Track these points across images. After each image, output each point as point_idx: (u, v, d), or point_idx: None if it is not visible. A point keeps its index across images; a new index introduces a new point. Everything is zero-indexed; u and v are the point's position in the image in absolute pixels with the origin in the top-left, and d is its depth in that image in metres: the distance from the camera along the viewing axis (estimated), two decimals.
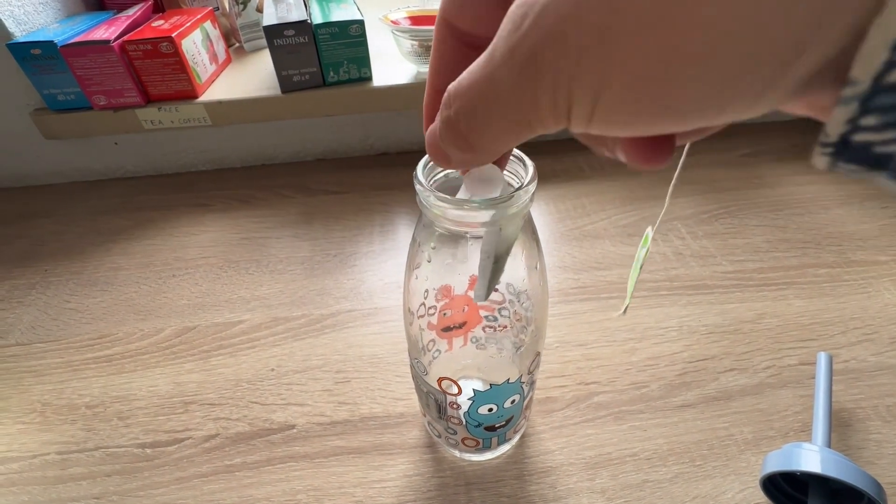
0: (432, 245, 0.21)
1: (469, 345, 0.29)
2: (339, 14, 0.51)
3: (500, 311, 0.26)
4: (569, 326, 0.41)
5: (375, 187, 0.60)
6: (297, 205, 0.58)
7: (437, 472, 0.32)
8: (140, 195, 0.61)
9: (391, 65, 0.57)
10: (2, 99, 0.54)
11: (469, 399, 0.26)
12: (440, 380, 0.26)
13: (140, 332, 0.43)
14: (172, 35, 0.48)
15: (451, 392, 0.26)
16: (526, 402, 0.29)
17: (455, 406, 0.27)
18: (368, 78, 0.55)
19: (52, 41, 0.47)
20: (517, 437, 0.33)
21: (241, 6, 0.60)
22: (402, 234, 0.52)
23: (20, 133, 0.57)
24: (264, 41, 0.51)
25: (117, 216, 0.57)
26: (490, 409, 0.27)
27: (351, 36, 0.50)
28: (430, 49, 0.15)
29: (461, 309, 0.26)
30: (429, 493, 0.31)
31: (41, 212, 0.58)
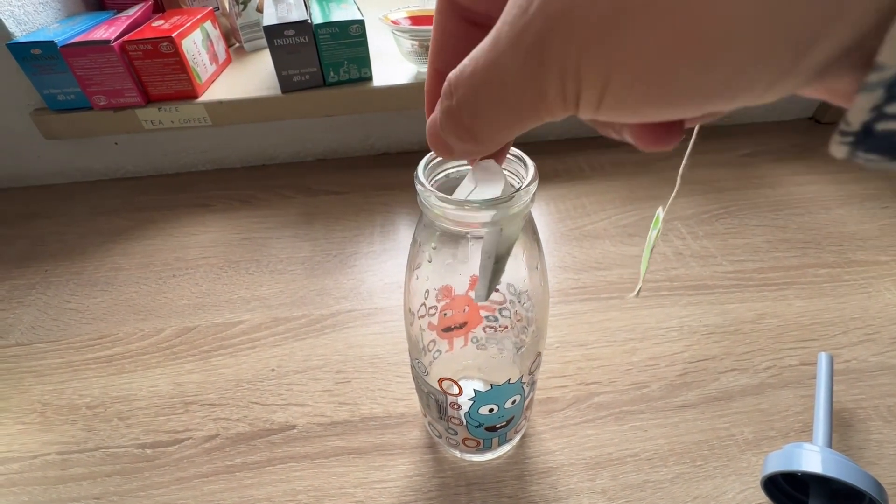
0: (433, 245, 0.21)
1: (470, 345, 0.29)
2: (339, 14, 0.51)
3: (500, 312, 0.26)
4: (569, 326, 0.41)
5: (376, 187, 0.60)
6: (298, 205, 0.58)
7: (438, 473, 0.32)
8: (140, 195, 0.61)
9: (391, 65, 0.57)
10: (2, 99, 0.54)
11: (470, 399, 0.26)
12: (441, 380, 0.26)
13: (140, 332, 0.43)
14: (172, 35, 0.48)
15: (451, 392, 0.26)
16: (527, 402, 0.29)
17: (456, 406, 0.27)
18: (369, 78, 0.55)
19: (52, 41, 0.47)
20: (518, 437, 0.33)
21: (241, 6, 0.60)
22: (403, 235, 0.52)
23: (20, 133, 0.57)
24: (264, 41, 0.51)
25: (117, 216, 0.57)
26: (491, 410, 0.27)
27: (351, 36, 0.50)
28: (434, 14, 0.15)
29: (462, 309, 0.26)
30: (429, 493, 0.31)
31: (41, 212, 0.58)
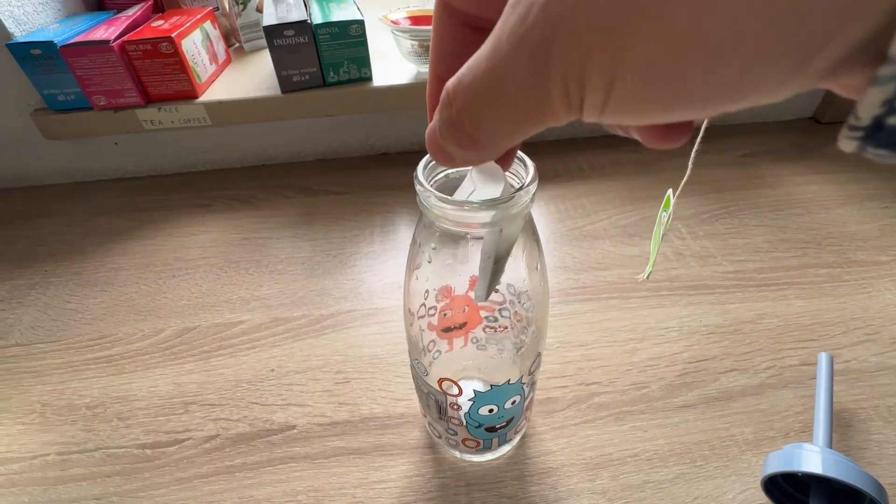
0: (433, 245, 0.21)
1: (469, 345, 0.29)
2: (339, 14, 0.51)
3: (500, 312, 0.26)
4: (569, 327, 0.41)
5: (376, 187, 0.60)
6: (298, 205, 0.58)
7: (438, 473, 0.32)
8: (140, 195, 0.61)
9: (391, 65, 0.57)
10: (2, 99, 0.54)
11: (469, 400, 0.26)
12: (440, 380, 0.26)
13: (140, 332, 0.43)
14: (172, 35, 0.48)
15: (451, 393, 0.26)
16: (526, 402, 0.29)
17: (455, 407, 0.27)
18: (368, 78, 0.55)
19: (51, 41, 0.47)
20: (518, 437, 0.33)
21: (241, 6, 0.60)
22: (403, 235, 0.52)
23: (20, 133, 0.57)
24: (264, 41, 0.51)
25: (117, 216, 0.57)
26: (491, 410, 0.27)
27: (351, 36, 0.50)
28: (433, 20, 0.15)
29: (461, 309, 0.26)
30: (429, 493, 0.31)
31: (41, 212, 0.58)
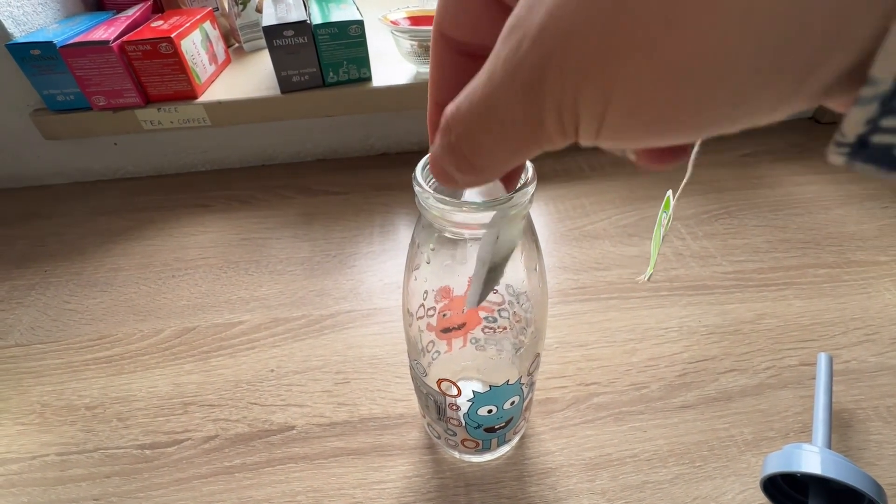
0: (431, 246, 0.21)
1: (468, 346, 0.29)
2: (338, 14, 0.51)
3: (499, 313, 0.26)
4: (569, 327, 0.41)
5: (375, 188, 0.60)
6: (297, 205, 0.58)
7: (437, 474, 0.32)
8: (140, 195, 0.61)
9: (391, 65, 0.57)
10: (1, 99, 0.54)
11: (468, 400, 0.26)
12: (439, 381, 0.26)
13: (140, 332, 0.43)
14: (172, 35, 0.48)
15: (450, 393, 0.26)
16: (525, 403, 0.29)
17: (454, 407, 0.27)
18: (368, 78, 0.55)
19: (51, 42, 0.47)
20: (517, 438, 0.33)
21: (241, 6, 0.60)
22: (402, 235, 0.52)
23: (20, 133, 0.57)
24: (264, 41, 0.52)
25: (117, 216, 0.57)
26: (490, 411, 0.27)
27: (350, 36, 0.50)
28: (430, 49, 0.15)
29: (461, 310, 0.26)
30: (428, 494, 0.31)
31: (41, 212, 0.58)
